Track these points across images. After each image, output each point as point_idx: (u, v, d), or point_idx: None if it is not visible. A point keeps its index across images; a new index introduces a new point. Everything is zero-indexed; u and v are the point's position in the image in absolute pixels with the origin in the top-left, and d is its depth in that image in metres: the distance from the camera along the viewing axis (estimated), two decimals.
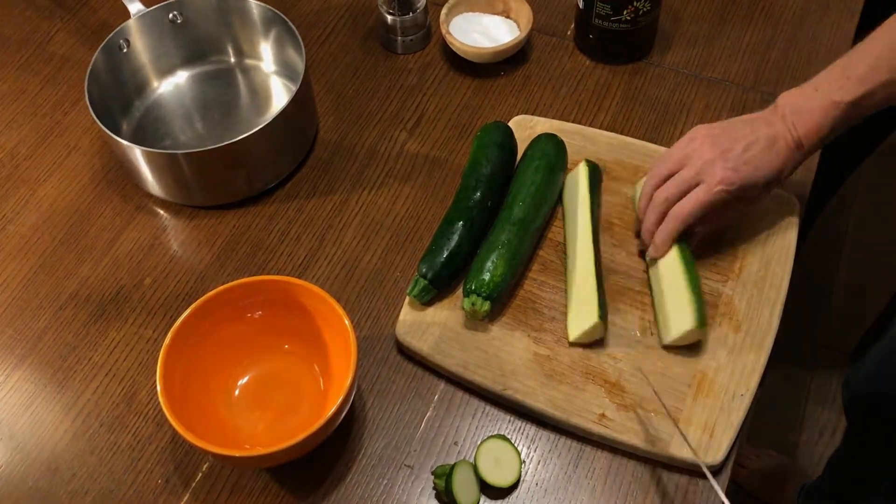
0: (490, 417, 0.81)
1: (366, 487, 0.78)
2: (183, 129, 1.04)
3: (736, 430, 0.77)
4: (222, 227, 0.96)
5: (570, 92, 1.05)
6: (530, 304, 0.86)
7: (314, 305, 0.80)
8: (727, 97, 1.04)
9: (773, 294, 0.85)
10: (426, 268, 0.85)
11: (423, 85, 1.07)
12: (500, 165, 0.91)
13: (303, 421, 0.79)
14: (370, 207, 0.96)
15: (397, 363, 0.85)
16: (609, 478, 0.77)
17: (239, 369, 0.82)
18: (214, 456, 0.73)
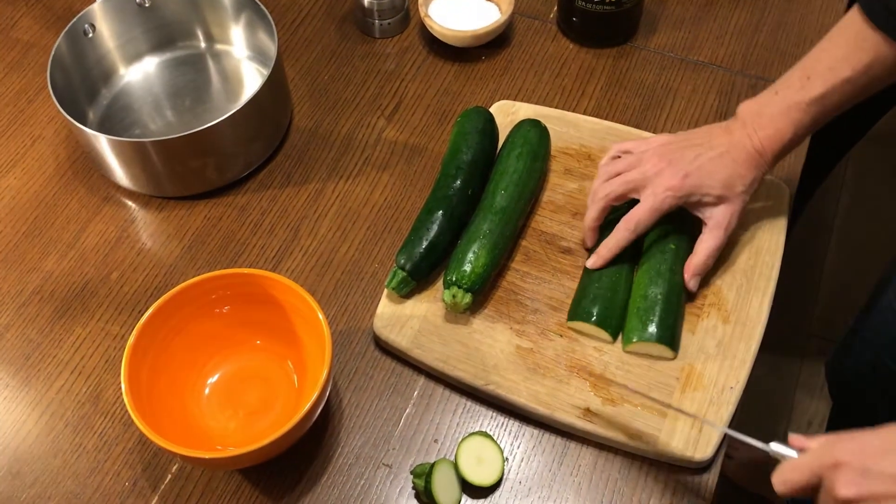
0: (471, 413, 0.78)
1: (342, 488, 0.75)
2: (152, 118, 1.00)
3: (726, 424, 0.74)
4: (193, 218, 0.92)
5: (553, 76, 1.02)
6: (513, 296, 0.83)
7: (287, 299, 0.76)
8: (714, 81, 1.01)
9: (763, 283, 0.83)
10: (405, 259, 0.82)
11: (401, 70, 1.03)
12: (481, 152, 0.88)
13: (276, 419, 0.77)
14: (347, 197, 0.93)
15: (375, 358, 0.82)
16: (595, 474, 0.74)
17: (209, 366, 0.79)
18: (183, 458, 0.70)
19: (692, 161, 0.78)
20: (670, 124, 0.97)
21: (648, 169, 0.79)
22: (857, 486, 0.56)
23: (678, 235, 0.82)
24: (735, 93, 1.00)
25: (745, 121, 0.79)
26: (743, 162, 0.78)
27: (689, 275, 0.80)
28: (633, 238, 0.80)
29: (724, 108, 0.99)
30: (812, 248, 1.88)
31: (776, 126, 0.77)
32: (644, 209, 0.79)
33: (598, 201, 0.82)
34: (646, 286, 0.79)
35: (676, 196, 0.78)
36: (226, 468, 0.76)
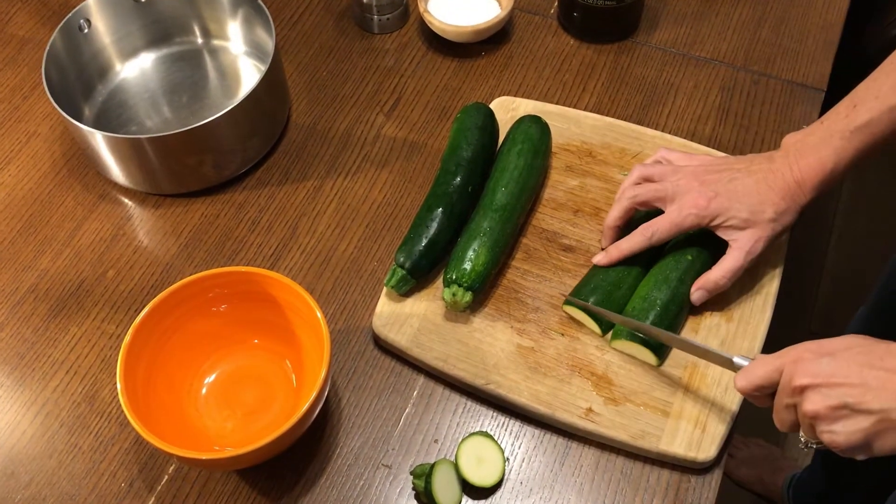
0: (472, 413, 0.77)
1: (341, 489, 0.74)
2: (149, 114, 0.99)
3: (729, 425, 0.74)
4: (189, 215, 0.91)
5: (553, 72, 1.01)
6: (513, 294, 0.82)
7: (285, 298, 0.75)
8: (716, 77, 1.00)
9: (767, 281, 0.82)
10: (404, 257, 0.81)
11: (400, 66, 1.02)
12: (482, 149, 0.87)
13: (274, 420, 0.76)
14: (345, 194, 0.92)
15: (374, 357, 0.81)
16: (597, 475, 0.74)
17: (206, 366, 0.78)
18: (180, 459, 0.69)
19: (725, 184, 0.76)
20: (672, 120, 0.96)
21: (681, 184, 0.77)
22: (813, 376, 0.59)
23: (699, 249, 0.79)
24: (737, 89, 0.99)
25: (788, 150, 0.77)
26: (779, 190, 0.75)
27: (697, 286, 0.78)
28: (646, 246, 0.78)
29: (726, 105, 0.98)
30: (812, 246, 1.87)
31: (818, 155, 0.75)
32: (665, 221, 0.77)
33: (623, 201, 0.80)
34: (649, 289, 0.78)
35: (700, 215, 0.76)
36: (223, 469, 0.75)
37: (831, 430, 0.59)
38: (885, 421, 0.57)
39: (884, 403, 0.57)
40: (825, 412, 0.59)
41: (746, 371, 0.65)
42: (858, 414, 0.58)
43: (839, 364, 0.59)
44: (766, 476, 1.50)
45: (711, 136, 0.95)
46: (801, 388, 0.60)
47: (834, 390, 0.58)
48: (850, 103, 0.75)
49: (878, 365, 0.58)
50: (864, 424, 0.58)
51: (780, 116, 0.96)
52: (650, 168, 0.81)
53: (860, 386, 0.58)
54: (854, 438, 0.58)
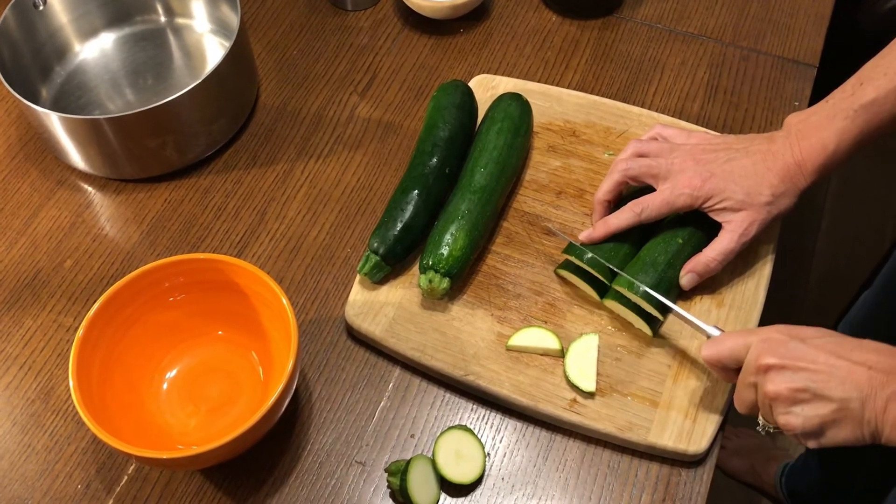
0: (450, 406, 0.73)
1: (311, 488, 0.69)
2: (111, 97, 0.94)
3: (721, 415, 0.70)
4: (152, 201, 0.86)
5: (535, 50, 0.97)
6: (494, 281, 0.78)
7: (250, 286, 0.71)
8: (704, 53, 0.96)
9: (760, 265, 0.78)
10: (378, 242, 0.76)
11: (375, 44, 0.98)
12: (460, 128, 0.83)
13: (240, 415, 0.72)
14: (317, 178, 0.87)
15: (347, 348, 0.76)
16: (582, 469, 0.70)
17: (167, 360, 0.74)
18: (138, 459, 0.64)
19: (722, 164, 0.73)
20: (658, 98, 0.92)
21: (675, 162, 0.74)
22: (780, 357, 0.59)
23: (690, 233, 0.76)
24: (726, 65, 0.95)
25: (790, 130, 0.73)
26: (777, 171, 0.72)
27: (687, 269, 0.74)
28: (635, 222, 0.75)
29: (714, 82, 0.94)
30: (803, 231, 1.84)
31: (819, 135, 0.71)
32: (656, 199, 0.74)
33: (615, 174, 0.77)
34: (635, 273, 0.74)
35: (693, 195, 0.73)
36: (185, 468, 0.71)
37: (789, 412, 0.59)
38: (843, 410, 0.57)
39: (845, 393, 0.57)
40: (786, 393, 0.58)
41: (714, 342, 0.65)
42: (819, 400, 0.57)
43: (808, 349, 0.59)
44: (758, 466, 1.47)
45: (700, 114, 0.91)
46: (767, 367, 0.59)
47: (798, 374, 0.58)
48: (856, 80, 0.71)
49: (845, 355, 0.58)
50: (822, 411, 0.57)
51: (771, 93, 0.92)
52: (646, 144, 0.78)
53: (825, 373, 0.57)
54: (810, 424, 0.58)
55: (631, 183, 0.77)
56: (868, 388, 0.56)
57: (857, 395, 0.56)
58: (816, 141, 0.71)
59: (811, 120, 0.72)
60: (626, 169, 0.76)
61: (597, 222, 0.77)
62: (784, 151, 0.72)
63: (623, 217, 0.75)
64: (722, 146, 0.75)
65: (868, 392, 0.56)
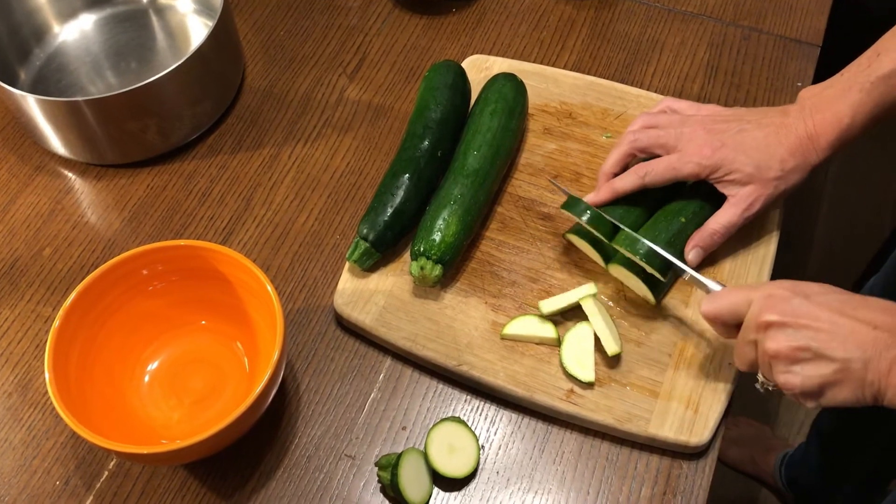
0: (443, 397, 0.71)
1: (299, 482, 0.67)
2: (92, 80, 0.91)
3: (724, 405, 0.67)
4: (134, 187, 0.83)
5: (530, 29, 0.94)
6: (488, 268, 0.75)
7: (235, 274, 0.68)
8: (704, 33, 0.93)
9: (762, 250, 0.75)
10: (367, 228, 0.74)
11: (365, 24, 0.95)
12: (452, 110, 0.80)
13: (225, 408, 0.69)
14: (305, 162, 0.84)
15: (336, 338, 0.74)
16: (580, 462, 0.67)
17: (149, 351, 0.71)
18: (118, 454, 0.62)
19: (733, 134, 0.71)
20: (657, 79, 0.90)
21: (685, 132, 0.72)
22: (781, 313, 0.57)
23: (695, 212, 0.73)
24: (727, 45, 0.92)
25: (804, 104, 0.71)
26: (789, 145, 0.70)
27: (691, 245, 0.72)
28: (639, 186, 0.73)
29: (715, 62, 0.91)
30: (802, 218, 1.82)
31: (834, 108, 0.69)
32: (662, 163, 0.72)
33: (623, 145, 0.75)
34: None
35: (702, 164, 0.70)
36: (168, 463, 0.68)
37: (789, 371, 0.57)
38: (844, 371, 0.55)
39: (847, 353, 0.55)
40: (787, 352, 0.57)
41: (715, 296, 0.63)
42: (820, 359, 0.56)
43: (811, 306, 0.57)
44: (758, 456, 1.45)
45: (700, 95, 0.88)
46: (767, 324, 0.58)
47: (800, 331, 0.56)
48: (873, 52, 0.69)
49: (849, 314, 0.56)
50: (823, 370, 0.56)
51: (773, 73, 0.90)
52: (656, 116, 0.76)
53: (828, 331, 0.56)
54: (810, 383, 0.56)
55: (639, 155, 0.75)
56: (872, 348, 0.54)
57: (860, 355, 0.54)
58: (831, 114, 0.69)
59: (826, 93, 0.70)
60: (635, 140, 0.74)
61: (604, 185, 0.75)
62: (797, 125, 0.70)
63: (627, 180, 0.73)
64: (734, 118, 0.73)
65: (872, 353, 0.54)
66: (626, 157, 0.75)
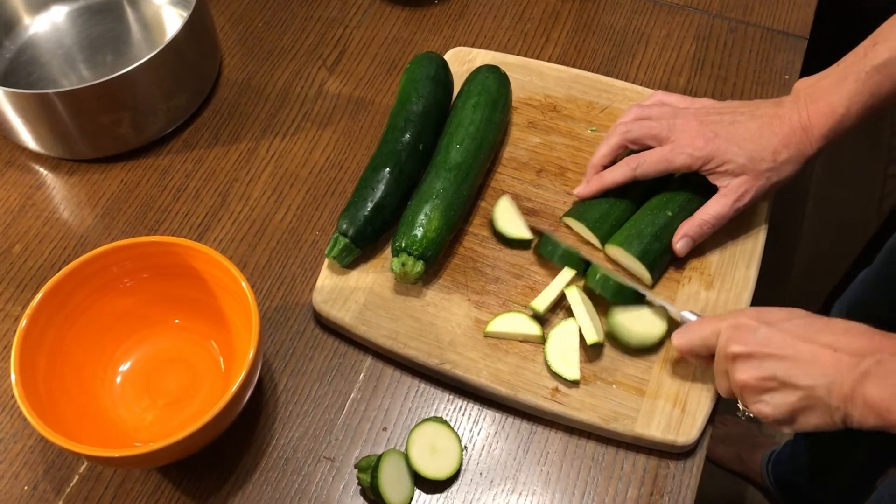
0: (425, 397, 0.69)
1: (276, 485, 0.65)
2: (65, 73, 0.88)
3: (712, 403, 0.66)
4: (107, 182, 0.81)
5: (514, 21, 0.92)
6: (471, 264, 0.74)
7: (209, 271, 0.66)
8: (690, 25, 0.92)
9: (750, 245, 0.74)
10: (347, 223, 0.72)
11: (345, 16, 0.93)
12: (434, 102, 0.78)
13: (200, 409, 0.67)
14: (283, 157, 0.82)
15: (315, 337, 0.72)
16: (565, 463, 0.66)
17: (121, 351, 0.69)
18: (88, 458, 0.59)
19: (726, 126, 0.70)
20: (643, 72, 0.88)
21: (678, 123, 0.71)
22: (746, 344, 0.58)
23: (682, 206, 0.72)
24: (713, 37, 0.91)
25: (799, 95, 0.70)
26: (783, 136, 0.68)
27: (680, 235, 0.71)
28: (630, 178, 0.72)
29: (701, 55, 0.90)
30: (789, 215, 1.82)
31: (828, 98, 0.68)
32: (654, 154, 0.71)
33: (614, 137, 0.74)
34: (620, 242, 0.71)
35: (694, 156, 0.69)
36: (140, 467, 0.66)
37: (760, 401, 0.58)
38: (810, 397, 0.55)
39: (812, 380, 0.55)
40: (754, 383, 0.57)
41: (685, 330, 0.64)
42: (786, 388, 0.56)
43: (774, 334, 0.57)
44: (745, 454, 1.44)
45: (686, 88, 0.87)
46: (734, 356, 0.59)
47: (765, 362, 0.57)
48: (870, 42, 0.68)
49: (812, 339, 0.56)
50: (790, 399, 0.56)
51: (760, 66, 0.88)
52: (648, 108, 0.75)
53: (791, 359, 0.56)
54: (780, 411, 0.57)
55: (631, 147, 0.74)
56: (834, 372, 0.54)
57: (823, 381, 0.54)
58: (825, 104, 0.68)
59: (821, 84, 0.69)
60: (627, 132, 0.73)
61: (593, 178, 0.74)
62: (791, 115, 0.69)
63: (618, 172, 0.72)
64: (727, 109, 0.72)
65: (834, 377, 0.54)
66: (617, 150, 0.74)
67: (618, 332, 0.67)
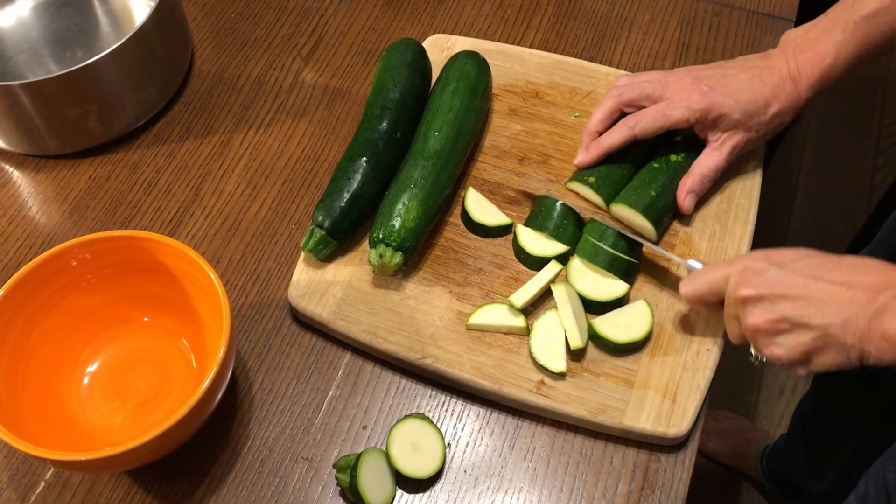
0: (406, 393, 0.66)
1: (252, 488, 0.62)
2: (32, 69, 0.85)
3: (703, 393, 0.64)
4: (76, 178, 0.78)
5: (494, 8, 0.90)
6: (452, 255, 0.71)
7: (179, 266, 0.64)
8: (674, 8, 0.90)
9: (740, 229, 0.72)
10: (323, 215, 0.69)
11: (321, 5, 0.90)
12: (411, 89, 0.75)
13: (172, 409, 0.63)
14: (257, 149, 0.80)
15: (292, 333, 0.69)
16: (552, 458, 0.63)
17: (88, 351, 0.66)
18: (53, 462, 0.57)
19: (719, 79, 0.70)
20: (626, 57, 0.86)
21: (671, 82, 0.71)
22: (756, 287, 0.57)
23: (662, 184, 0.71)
24: (698, 21, 0.89)
25: (787, 46, 0.71)
26: (773, 87, 0.69)
27: (684, 193, 0.72)
28: (630, 138, 0.72)
29: (686, 39, 0.88)
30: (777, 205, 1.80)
31: (817, 49, 0.68)
32: (651, 111, 0.71)
33: (608, 101, 0.74)
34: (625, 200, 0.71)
35: (691, 108, 0.69)
36: (109, 471, 0.63)
37: (772, 343, 0.57)
38: (824, 336, 0.54)
39: (825, 318, 0.54)
40: (766, 326, 0.57)
41: (693, 277, 0.63)
42: (799, 328, 0.55)
43: (785, 275, 0.57)
44: (738, 448, 1.42)
45: None
46: (744, 299, 0.58)
47: (776, 304, 0.56)
48: None
49: (824, 277, 0.55)
50: (804, 339, 0.55)
51: (746, 50, 0.86)
52: (638, 74, 0.75)
53: (803, 299, 0.55)
54: (794, 353, 0.56)
55: (625, 109, 0.73)
56: (848, 310, 0.53)
57: (838, 319, 0.54)
58: (813, 55, 0.68)
59: (809, 34, 0.69)
60: (620, 94, 0.73)
61: (592, 145, 0.74)
62: (780, 66, 0.69)
63: (616, 134, 0.72)
64: (718, 66, 0.73)
65: (849, 315, 0.53)
66: (612, 114, 0.74)
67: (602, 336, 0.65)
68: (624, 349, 0.65)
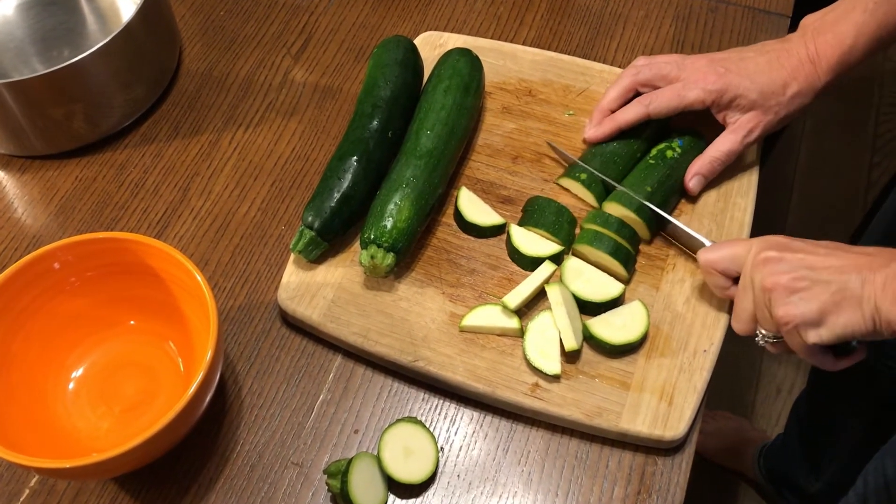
0: (398, 397, 0.65)
1: (241, 494, 0.61)
2: (17, 68, 0.84)
3: (700, 395, 0.62)
4: (62, 179, 0.77)
5: (486, 5, 0.89)
6: (444, 255, 0.70)
7: (166, 268, 0.62)
8: (669, 5, 0.89)
9: (736, 228, 0.71)
10: (313, 215, 0.68)
11: (311, 2, 0.89)
12: (403, 87, 0.74)
13: (159, 415, 0.62)
14: (247, 149, 0.79)
15: (282, 336, 0.68)
16: (547, 462, 0.62)
17: (74, 356, 0.65)
18: (37, 470, 0.55)
19: (736, 62, 0.70)
20: (621, 54, 0.85)
21: (688, 63, 0.71)
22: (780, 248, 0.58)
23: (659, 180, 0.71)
24: (693, 17, 0.88)
25: (805, 29, 0.70)
26: (791, 69, 0.69)
27: (692, 173, 0.72)
28: (644, 116, 0.72)
29: (681, 36, 0.86)
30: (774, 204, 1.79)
31: (836, 30, 0.68)
32: (667, 91, 0.71)
33: (624, 79, 0.74)
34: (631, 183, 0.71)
35: (707, 90, 0.69)
36: (95, 478, 0.62)
37: (788, 302, 0.56)
38: (842, 291, 0.55)
39: (843, 275, 0.55)
40: (785, 282, 0.56)
41: (714, 247, 0.64)
42: (817, 285, 0.55)
43: (808, 244, 0.58)
44: (736, 448, 1.41)
45: None
46: (766, 259, 0.58)
47: (796, 263, 0.57)
48: None
49: (844, 248, 0.57)
50: (821, 296, 0.55)
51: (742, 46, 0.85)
52: (657, 56, 0.75)
53: (824, 258, 0.56)
54: (810, 311, 0.55)
55: (641, 89, 0.73)
56: (868, 269, 0.55)
57: (857, 275, 0.54)
58: (832, 36, 0.68)
59: (827, 17, 0.69)
60: (637, 73, 0.73)
61: (605, 120, 0.74)
62: (798, 49, 0.69)
63: (631, 111, 0.72)
64: (735, 50, 0.73)
65: (867, 273, 0.54)
66: (627, 92, 0.73)
67: (597, 337, 0.64)
68: (619, 350, 0.64)
